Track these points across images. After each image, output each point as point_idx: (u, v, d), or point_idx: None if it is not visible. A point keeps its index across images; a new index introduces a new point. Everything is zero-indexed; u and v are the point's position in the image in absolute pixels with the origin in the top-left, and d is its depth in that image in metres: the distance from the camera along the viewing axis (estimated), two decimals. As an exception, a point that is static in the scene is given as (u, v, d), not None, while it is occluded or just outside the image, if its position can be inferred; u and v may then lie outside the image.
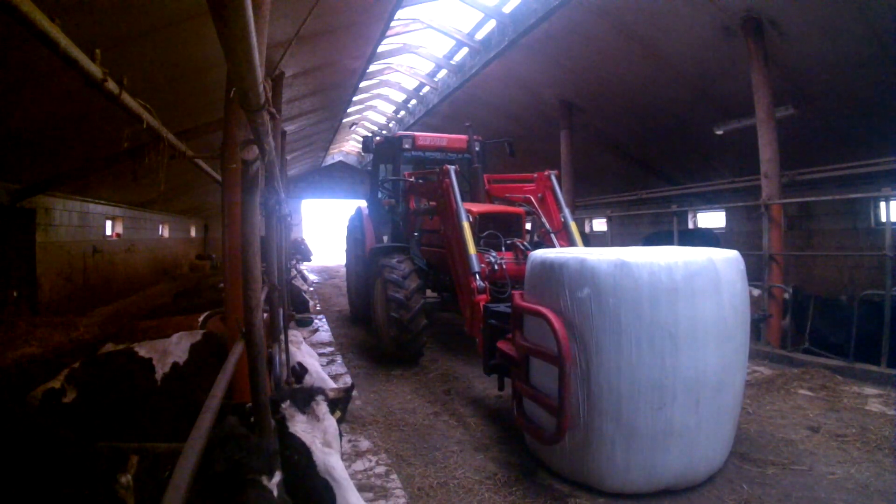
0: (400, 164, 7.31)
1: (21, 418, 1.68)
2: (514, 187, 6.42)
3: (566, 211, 5.54)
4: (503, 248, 5.37)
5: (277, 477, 1.43)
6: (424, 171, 6.67)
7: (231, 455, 1.36)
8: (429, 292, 6.30)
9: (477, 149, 7.01)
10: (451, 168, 5.38)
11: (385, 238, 7.54)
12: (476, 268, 4.67)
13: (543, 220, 5.75)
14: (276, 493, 1.41)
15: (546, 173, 5.87)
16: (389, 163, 7.70)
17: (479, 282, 4.59)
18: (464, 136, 7.21)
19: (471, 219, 5.13)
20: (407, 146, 7.19)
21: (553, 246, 5.36)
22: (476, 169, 6.73)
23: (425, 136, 7.40)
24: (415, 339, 5.55)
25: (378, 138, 8.04)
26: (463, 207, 5.08)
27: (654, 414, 2.81)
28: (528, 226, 6.10)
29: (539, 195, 5.98)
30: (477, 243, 5.04)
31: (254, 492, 1.34)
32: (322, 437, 2.02)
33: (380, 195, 7.90)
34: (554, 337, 2.91)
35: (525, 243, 5.43)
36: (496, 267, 5.01)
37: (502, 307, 4.11)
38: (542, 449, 3.29)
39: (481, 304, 4.40)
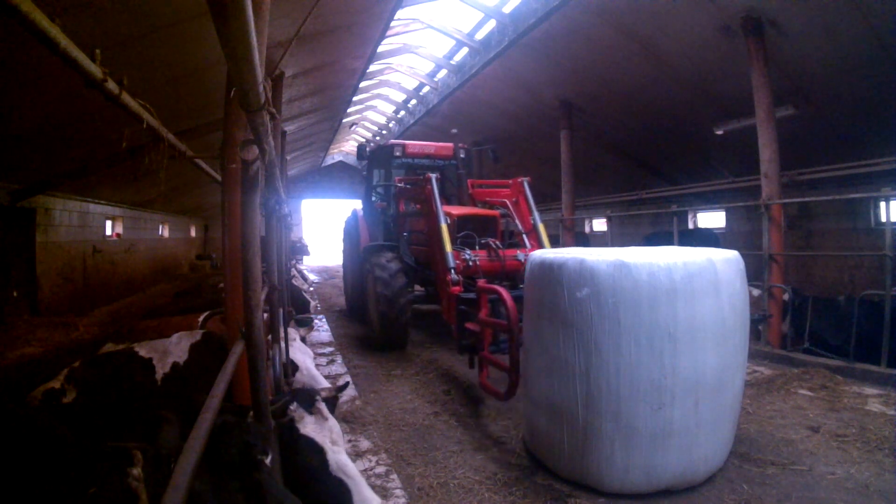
0: (391, 170, 7.91)
1: (24, 420, 1.68)
2: (493, 192, 7.10)
3: (536, 214, 6.18)
4: (477, 247, 5.91)
5: (271, 456, 1.56)
6: (412, 177, 7.15)
7: (240, 438, 1.49)
8: (418, 287, 6.96)
9: (462, 156, 7.68)
10: (433, 176, 5.97)
11: (379, 238, 7.93)
12: (451, 263, 5.29)
13: (517, 221, 6.40)
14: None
15: (519, 180, 6.46)
16: (382, 168, 8.27)
17: (453, 275, 5.20)
18: (450, 144, 7.82)
19: (449, 221, 5.75)
20: (398, 153, 7.77)
21: (524, 245, 6.12)
22: (461, 174, 7.43)
23: (414, 145, 7.97)
24: (401, 330, 6.21)
25: (371, 146, 8.66)
26: (442, 211, 5.69)
27: (653, 414, 2.82)
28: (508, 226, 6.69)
29: (514, 199, 6.61)
30: (454, 243, 5.67)
31: (264, 471, 1.46)
32: (330, 437, 2.07)
33: (373, 198, 8.37)
34: (505, 310, 3.59)
35: (497, 242, 6.00)
36: (470, 263, 5.61)
37: (471, 296, 4.70)
38: (542, 449, 3.30)
39: (455, 294, 5.02)
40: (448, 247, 5.39)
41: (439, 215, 5.61)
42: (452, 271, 5.23)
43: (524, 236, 6.20)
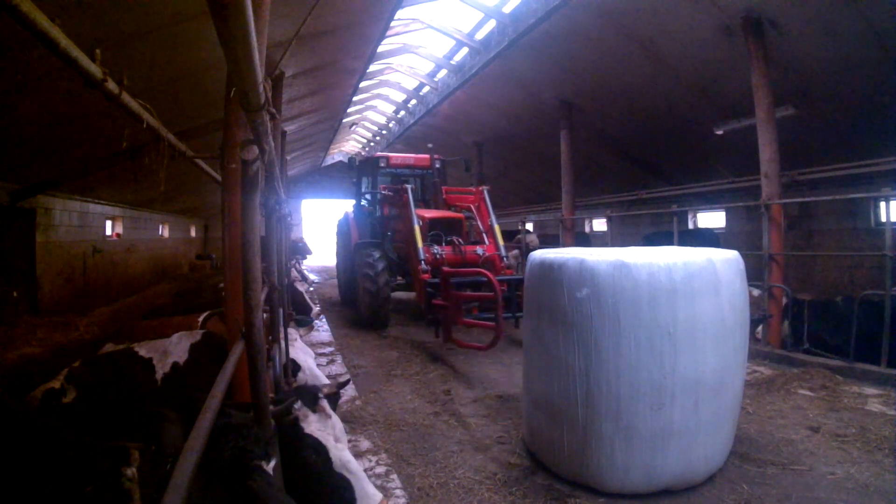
0: (377, 179, 9.27)
1: (23, 418, 1.68)
2: (461, 197, 8.58)
3: (493, 216, 7.71)
4: (444, 243, 7.30)
5: (273, 462, 1.53)
6: (393, 186, 8.48)
7: (235, 443, 1.46)
8: (401, 277, 8.23)
9: (437, 166, 9.19)
10: (409, 186, 7.45)
11: (367, 236, 9.17)
12: (422, 256, 6.76)
13: (478, 222, 7.91)
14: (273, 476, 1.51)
15: (480, 188, 8.18)
16: (369, 177, 9.58)
17: (424, 266, 6.66)
18: (427, 156, 9.28)
19: (421, 223, 7.14)
20: (382, 164, 9.14)
21: (483, 243, 7.60)
22: (436, 182, 8.96)
23: (396, 157, 9.44)
24: (383, 316, 7.66)
25: (360, 157, 10.25)
26: (416, 214, 7.12)
27: (653, 414, 2.82)
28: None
29: (476, 204, 8.10)
30: (425, 240, 7.05)
31: (259, 477, 1.43)
32: (333, 434, 2.10)
33: (363, 202, 9.78)
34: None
35: (460, 240, 7.45)
36: (438, 257, 6.97)
37: (436, 281, 6.30)
38: (542, 449, 3.30)
39: (424, 280, 6.45)
40: (420, 243, 6.87)
41: (413, 218, 7.06)
42: (423, 262, 6.68)
43: (484, 235, 7.72)
